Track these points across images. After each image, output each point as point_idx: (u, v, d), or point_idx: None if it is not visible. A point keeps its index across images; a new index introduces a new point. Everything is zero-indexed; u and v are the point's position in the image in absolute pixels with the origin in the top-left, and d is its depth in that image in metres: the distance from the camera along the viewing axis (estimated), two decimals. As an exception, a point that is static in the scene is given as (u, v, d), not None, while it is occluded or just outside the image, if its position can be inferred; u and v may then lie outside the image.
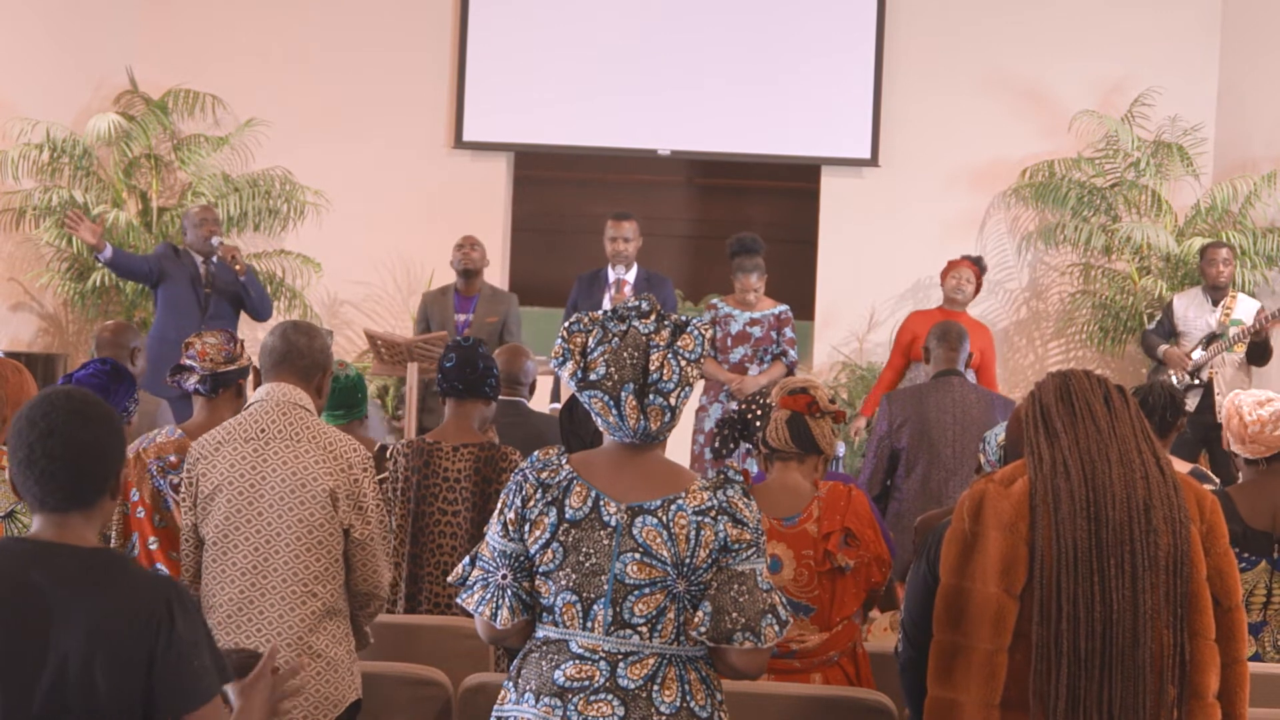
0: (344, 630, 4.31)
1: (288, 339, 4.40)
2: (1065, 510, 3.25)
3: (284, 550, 4.23)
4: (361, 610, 4.40)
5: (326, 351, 4.49)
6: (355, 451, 4.33)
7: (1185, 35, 10.99)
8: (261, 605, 4.21)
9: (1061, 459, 3.29)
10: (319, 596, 4.24)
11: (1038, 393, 3.40)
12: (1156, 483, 3.28)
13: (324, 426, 4.35)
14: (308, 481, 4.24)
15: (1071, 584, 3.22)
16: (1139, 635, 3.21)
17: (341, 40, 11.18)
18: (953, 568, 3.34)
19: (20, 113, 10.47)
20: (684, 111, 11.12)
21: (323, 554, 4.25)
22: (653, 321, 3.19)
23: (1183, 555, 3.25)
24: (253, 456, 4.26)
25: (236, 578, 4.23)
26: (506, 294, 9.41)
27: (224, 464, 4.27)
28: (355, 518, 4.29)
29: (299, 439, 4.28)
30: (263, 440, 4.28)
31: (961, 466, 7.07)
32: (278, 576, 4.21)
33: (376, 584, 4.36)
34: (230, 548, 4.24)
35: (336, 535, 4.27)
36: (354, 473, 4.29)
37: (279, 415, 4.31)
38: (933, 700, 3.36)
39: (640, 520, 3.14)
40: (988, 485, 3.36)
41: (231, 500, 4.25)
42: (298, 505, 4.23)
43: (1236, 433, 4.87)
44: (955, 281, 9.00)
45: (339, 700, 4.25)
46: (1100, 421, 3.32)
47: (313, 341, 4.43)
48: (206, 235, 8.84)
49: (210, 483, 4.27)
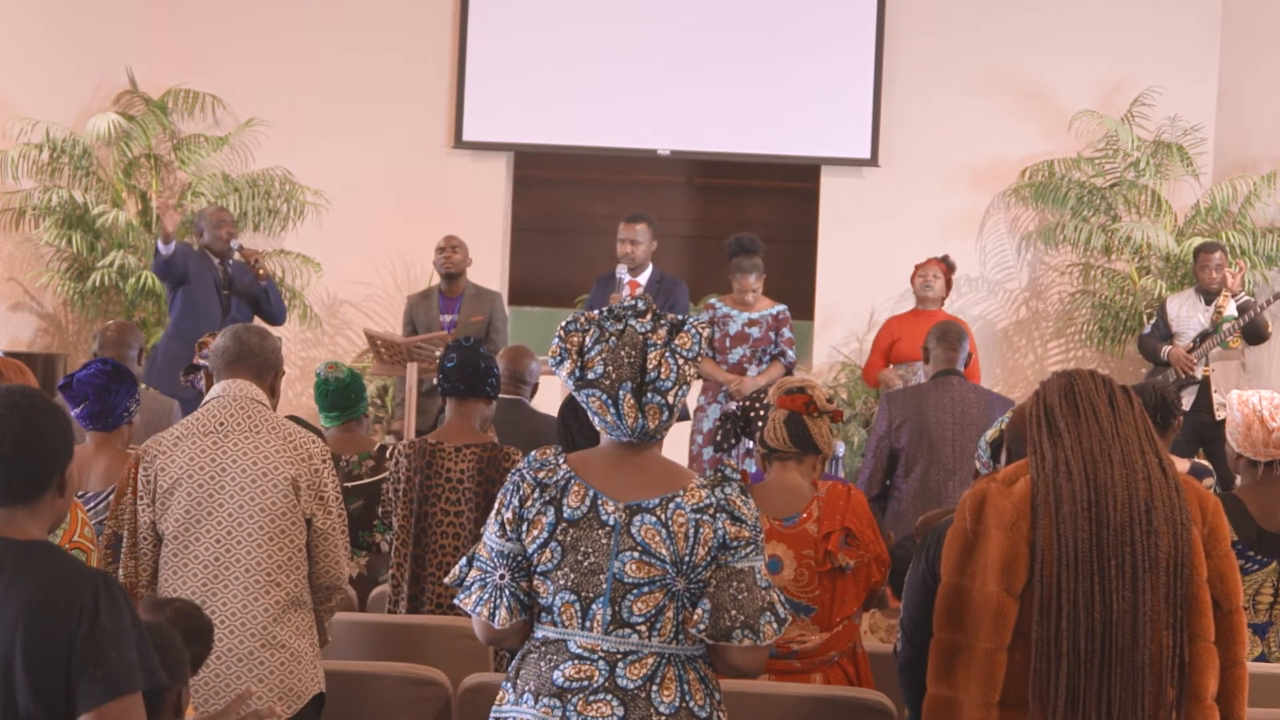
0: (308, 623, 4.34)
1: (240, 339, 4.45)
2: (1066, 510, 3.25)
3: (246, 540, 4.25)
4: (323, 604, 4.43)
5: (278, 353, 4.54)
6: (314, 443, 4.37)
7: (1185, 35, 10.99)
8: (225, 596, 4.23)
9: (1064, 459, 3.29)
10: (282, 586, 4.26)
11: (1042, 392, 3.40)
12: (1158, 484, 3.28)
13: (281, 420, 4.40)
14: (269, 470, 4.27)
15: (1072, 584, 3.22)
16: (1138, 636, 3.21)
17: (341, 40, 11.18)
18: (953, 567, 3.34)
19: (20, 113, 10.47)
20: (684, 111, 11.12)
21: (285, 543, 4.28)
22: (649, 320, 3.20)
23: (1183, 557, 3.25)
24: (212, 449, 4.29)
25: (199, 570, 4.25)
26: (490, 292, 9.37)
27: (183, 458, 4.29)
28: (317, 508, 4.32)
29: (258, 430, 4.31)
30: (222, 433, 4.31)
31: (961, 466, 7.07)
32: (240, 567, 4.24)
33: (338, 576, 4.39)
34: (191, 541, 4.26)
35: (299, 524, 4.30)
36: (314, 463, 4.33)
37: (237, 409, 4.34)
38: (932, 699, 3.36)
39: (639, 519, 3.14)
40: (989, 485, 3.36)
41: (192, 493, 4.27)
42: (259, 495, 4.26)
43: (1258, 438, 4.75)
44: (923, 279, 9.13)
45: (302, 692, 4.28)
46: (1104, 422, 3.32)
47: (264, 342, 4.48)
48: (226, 237, 8.81)
49: (169, 477, 4.29)
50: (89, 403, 5.00)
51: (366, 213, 11.00)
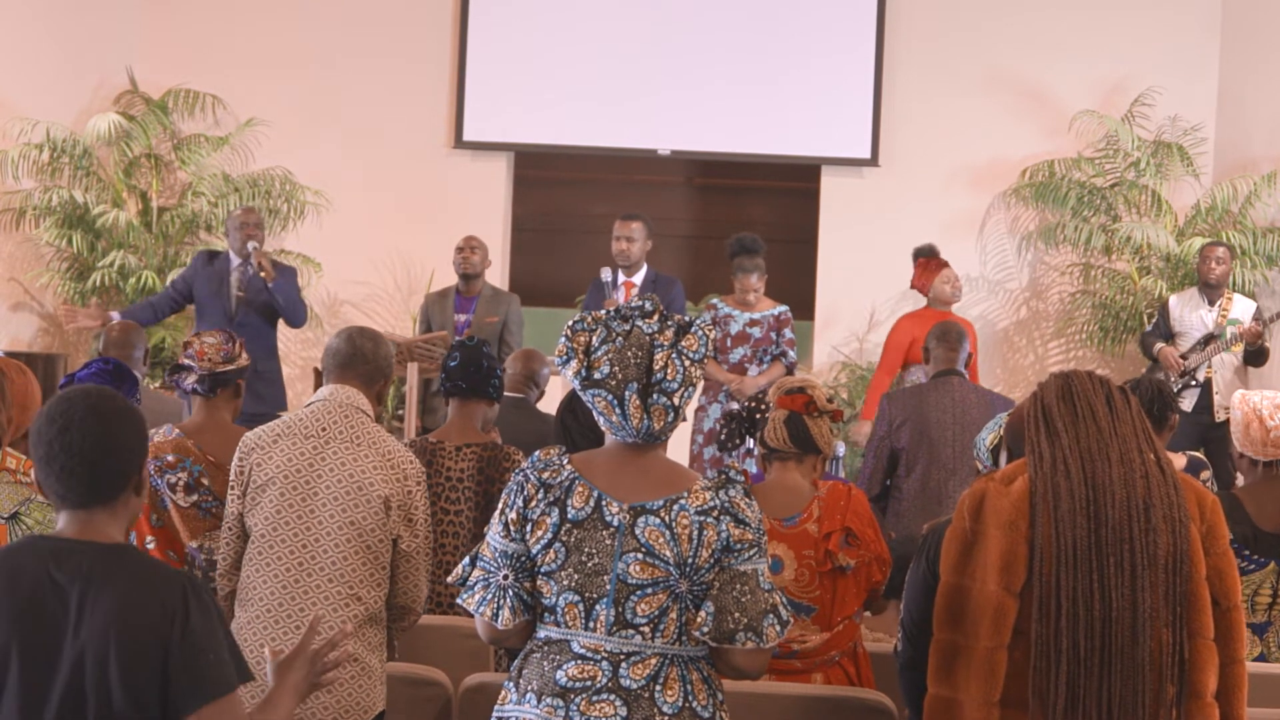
0: (380, 639, 4.31)
1: (354, 343, 4.40)
2: (1065, 508, 3.26)
3: (333, 550, 4.21)
4: (396, 623, 4.39)
5: (390, 360, 4.49)
6: (412, 464, 4.32)
7: (1185, 35, 10.99)
8: (304, 603, 4.18)
9: (1062, 457, 3.30)
10: (363, 601, 4.23)
11: (1040, 392, 3.42)
12: (1156, 482, 3.29)
13: (383, 434, 4.34)
14: (364, 485, 4.23)
15: (1071, 582, 3.23)
16: (1138, 634, 3.22)
17: (341, 40, 11.18)
18: (953, 566, 3.35)
19: (20, 113, 10.48)
20: (684, 111, 11.12)
21: (370, 559, 4.24)
22: (656, 321, 3.20)
23: (1182, 554, 3.26)
24: (311, 454, 4.25)
25: (280, 572, 4.21)
26: (507, 294, 9.34)
27: (280, 457, 4.25)
28: (404, 529, 4.28)
29: (358, 442, 4.27)
30: (322, 439, 4.27)
31: (961, 466, 7.07)
32: (323, 575, 4.20)
33: (415, 598, 4.35)
34: (277, 541, 4.22)
35: (386, 543, 4.26)
36: (409, 484, 4.29)
37: (340, 416, 4.30)
38: (932, 698, 3.37)
39: (643, 520, 3.14)
40: (988, 484, 3.37)
41: (284, 494, 4.23)
42: (351, 508, 4.22)
43: (1257, 437, 4.77)
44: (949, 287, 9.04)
45: (369, 707, 4.24)
46: (1101, 421, 3.33)
47: (378, 348, 4.43)
48: (244, 239, 8.76)
49: (264, 474, 4.25)
50: (90, 403, 4.99)
51: (366, 213, 11.00)
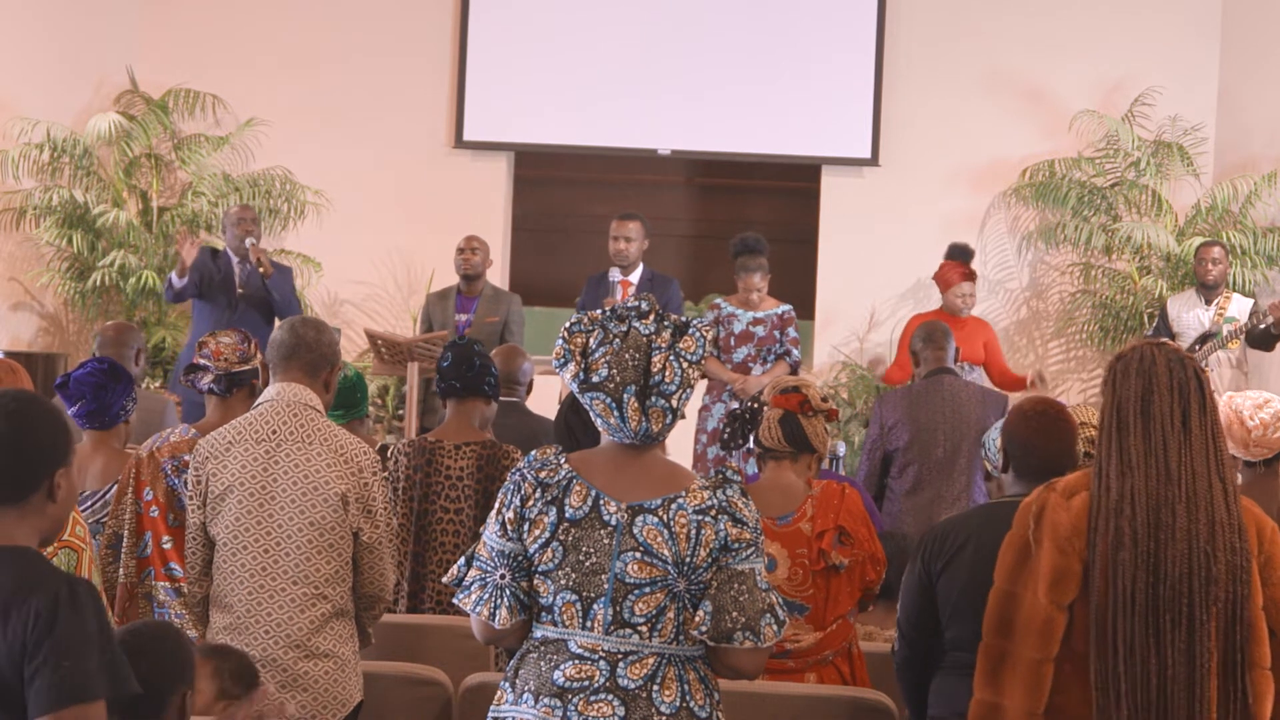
0: (350, 630, 4.32)
1: (296, 333, 4.39)
2: (1126, 557, 3.21)
3: (294, 552, 4.22)
4: (366, 612, 4.40)
5: (334, 347, 4.48)
6: (365, 455, 4.32)
7: (1185, 35, 10.99)
8: (270, 607, 4.21)
9: (1129, 497, 3.24)
10: (329, 599, 4.25)
11: (1118, 391, 3.31)
12: (1222, 527, 3.23)
13: (335, 429, 4.35)
14: (319, 485, 4.24)
15: (1128, 629, 3.19)
16: (1193, 685, 3.19)
17: (341, 40, 11.18)
18: (1007, 573, 3.34)
19: (20, 112, 10.48)
20: (684, 111, 11.12)
21: (333, 557, 4.25)
22: (653, 322, 3.19)
23: (1242, 600, 3.23)
24: (264, 458, 4.26)
25: (246, 579, 4.23)
26: (508, 294, 9.34)
27: (235, 464, 4.27)
28: (364, 521, 4.28)
29: (310, 441, 4.27)
30: (274, 442, 4.27)
31: (954, 465, 7.09)
32: (287, 579, 4.21)
33: (382, 587, 4.36)
34: (240, 549, 4.25)
35: (347, 539, 4.27)
36: (364, 476, 4.29)
37: (290, 416, 4.30)
38: (977, 702, 3.37)
39: (641, 519, 3.14)
40: (1049, 495, 3.33)
41: (242, 501, 4.24)
42: (309, 508, 4.23)
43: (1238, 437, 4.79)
44: (961, 301, 9.09)
45: (347, 700, 4.26)
46: (1172, 457, 3.25)
47: (321, 336, 4.42)
48: (241, 235, 8.74)
49: (221, 483, 4.27)
50: (85, 401, 5.00)
51: (367, 213, 11.00)
